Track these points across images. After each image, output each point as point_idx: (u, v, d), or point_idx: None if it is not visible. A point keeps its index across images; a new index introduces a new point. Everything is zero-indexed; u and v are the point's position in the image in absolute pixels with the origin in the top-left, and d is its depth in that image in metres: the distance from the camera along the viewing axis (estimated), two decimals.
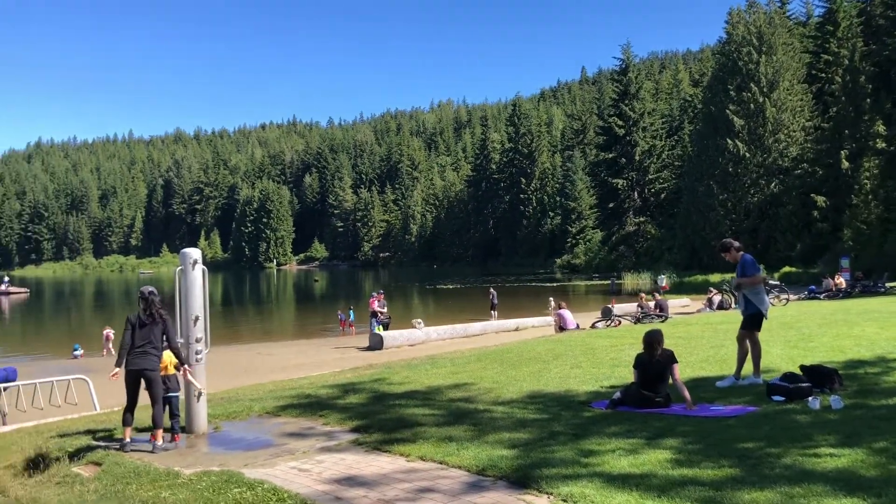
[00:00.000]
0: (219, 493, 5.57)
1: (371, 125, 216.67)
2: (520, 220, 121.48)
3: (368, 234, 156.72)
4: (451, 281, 74.12)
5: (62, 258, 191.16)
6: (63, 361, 22.46)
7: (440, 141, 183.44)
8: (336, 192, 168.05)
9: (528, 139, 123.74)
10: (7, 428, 9.80)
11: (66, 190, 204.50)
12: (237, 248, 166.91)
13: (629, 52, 76.73)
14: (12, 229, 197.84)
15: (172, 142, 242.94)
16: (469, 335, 24.69)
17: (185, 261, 8.14)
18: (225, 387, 12.51)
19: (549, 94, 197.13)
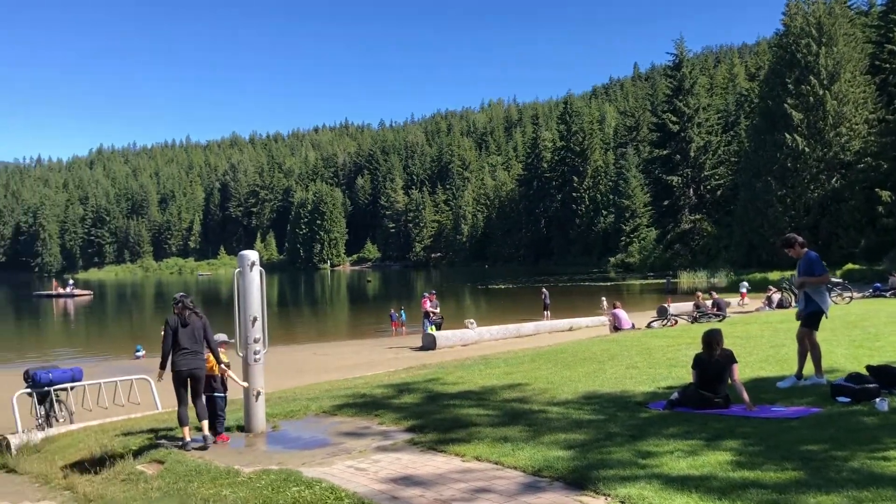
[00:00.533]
0: (278, 491, 5.67)
1: (422, 126, 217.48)
2: (572, 218, 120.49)
3: (420, 235, 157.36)
4: (503, 281, 73.93)
5: (123, 261, 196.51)
6: (126, 362, 23.09)
7: (491, 140, 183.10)
8: (388, 194, 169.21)
9: (579, 137, 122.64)
10: (74, 426, 10.12)
11: (126, 194, 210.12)
12: (292, 249, 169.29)
13: (683, 47, 75.43)
14: (76, 233, 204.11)
15: (228, 146, 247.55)
16: (522, 335, 24.59)
17: (243, 263, 8.29)
18: (282, 386, 12.71)
19: (601, 92, 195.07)
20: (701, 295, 26.07)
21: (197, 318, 8.08)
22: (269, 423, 8.42)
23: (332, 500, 5.35)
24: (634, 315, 25.03)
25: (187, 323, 7.97)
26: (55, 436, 9.42)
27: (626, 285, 61.31)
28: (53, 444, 8.94)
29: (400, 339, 26.97)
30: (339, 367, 18.69)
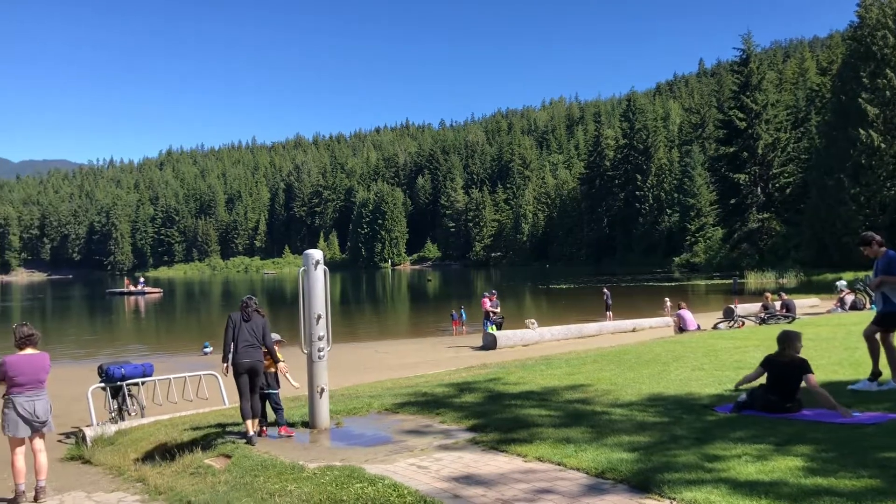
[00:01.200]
0: (342, 487, 5.74)
1: (482, 125, 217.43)
2: (635, 217, 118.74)
3: (480, 234, 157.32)
4: (564, 281, 73.32)
5: (192, 259, 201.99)
6: (194, 358, 23.69)
7: (552, 139, 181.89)
8: (448, 193, 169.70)
9: (643, 135, 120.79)
10: (145, 420, 10.43)
11: (195, 195, 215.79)
12: (354, 248, 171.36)
13: (750, 41, 73.54)
14: (146, 232, 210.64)
15: (293, 147, 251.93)
16: (584, 336, 24.35)
17: (308, 262, 8.41)
18: (345, 383, 12.87)
19: (665, 88, 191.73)
20: (769, 296, 25.34)
21: (259, 315, 8.42)
22: (332, 420, 8.53)
23: (396, 498, 5.39)
24: (700, 316, 24.52)
25: (249, 318, 8.31)
26: (127, 429, 9.71)
27: (691, 286, 60.08)
28: (126, 437, 9.21)
29: (460, 339, 27.00)
30: (400, 365, 18.81)
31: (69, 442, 10.04)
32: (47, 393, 7.40)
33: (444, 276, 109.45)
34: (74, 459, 8.96)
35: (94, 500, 6.88)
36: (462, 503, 5.24)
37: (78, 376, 16.57)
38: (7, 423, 7.10)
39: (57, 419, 7.69)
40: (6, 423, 7.11)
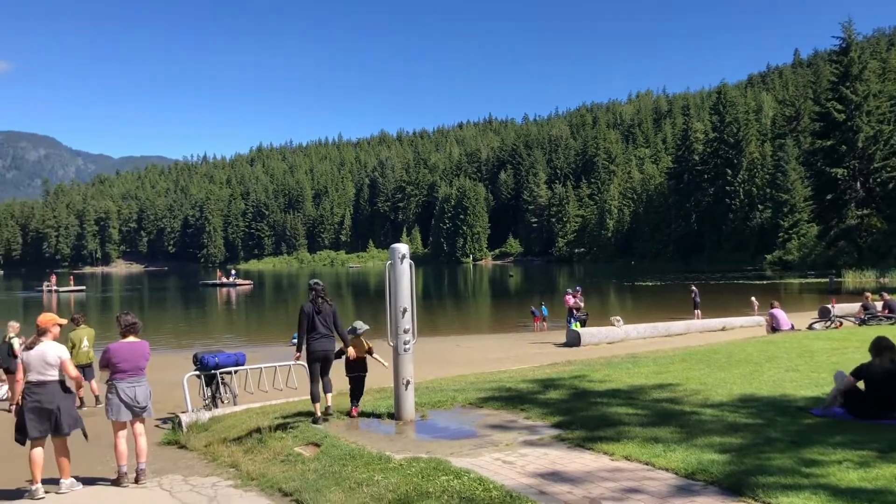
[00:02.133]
0: (428, 479, 5.79)
1: (566, 119, 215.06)
2: (725, 213, 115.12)
3: (563, 230, 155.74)
4: (650, 277, 71.83)
5: (280, 253, 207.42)
6: (283, 348, 24.33)
7: (638, 133, 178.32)
8: (531, 188, 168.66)
9: (734, 128, 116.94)
10: (238, 408, 10.76)
11: (283, 190, 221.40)
12: (436, 243, 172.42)
13: (851, 29, 70.11)
14: (238, 226, 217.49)
15: (377, 143, 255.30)
16: (671, 334, 23.81)
17: (394, 255, 8.50)
18: (428, 377, 12.97)
19: (757, 80, 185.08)
20: (870, 295, 24.15)
21: (328, 305, 8.82)
22: (417, 412, 8.62)
23: (481, 492, 5.40)
24: (793, 316, 23.58)
25: (320, 310, 8.71)
26: (221, 416, 10.04)
27: (784, 284, 57.87)
28: (219, 424, 9.51)
29: (542, 335, 26.81)
30: (483, 360, 18.83)
31: (166, 427, 10.46)
32: (147, 380, 7.74)
33: (525, 272, 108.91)
34: (171, 444, 9.32)
35: (190, 483, 7.14)
36: (549, 500, 5.21)
37: (174, 364, 17.24)
38: (110, 408, 7.46)
39: (154, 405, 8.01)
40: (109, 407, 7.47)
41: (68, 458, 7.29)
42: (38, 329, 7.31)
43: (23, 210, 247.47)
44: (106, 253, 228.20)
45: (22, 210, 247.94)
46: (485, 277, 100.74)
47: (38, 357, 7.11)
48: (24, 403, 7.10)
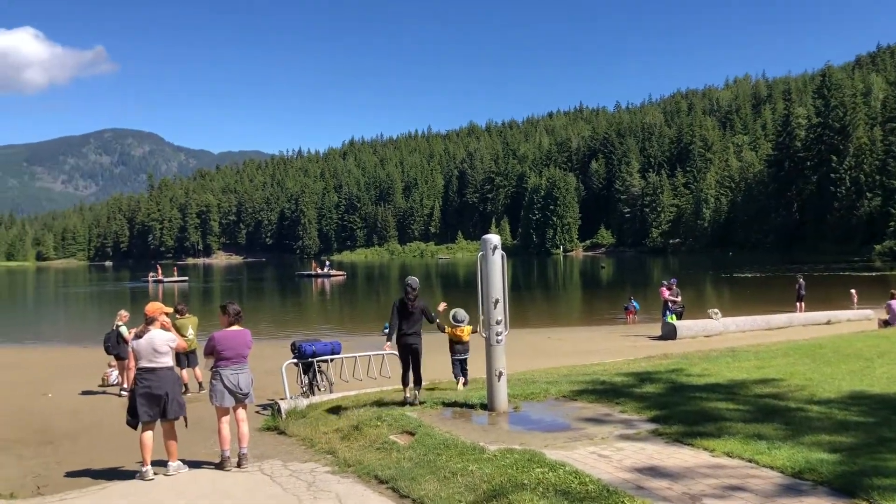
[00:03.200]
0: (522, 471, 5.76)
1: (660, 107, 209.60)
2: (830, 202, 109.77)
3: (657, 220, 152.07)
4: (749, 269, 69.34)
5: (372, 244, 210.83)
6: (376, 338, 24.72)
7: (736, 119, 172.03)
8: (623, 177, 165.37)
9: (839, 112, 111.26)
10: (334, 395, 10.99)
11: (375, 183, 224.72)
12: (525, 234, 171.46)
13: None
14: (331, 219, 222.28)
15: (466, 135, 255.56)
16: (771, 328, 22.92)
17: (486, 246, 8.48)
18: (520, 368, 12.91)
19: (866, 61, 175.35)
20: None
21: (419, 301, 9.62)
22: (510, 404, 8.59)
23: (577, 485, 5.34)
24: None
25: (412, 312, 9.53)
26: (318, 403, 10.27)
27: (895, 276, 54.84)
28: (316, 411, 9.73)
29: (635, 328, 26.30)
30: (575, 352, 18.62)
31: (265, 413, 10.79)
32: (249, 367, 8.00)
33: (618, 263, 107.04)
34: (270, 430, 9.61)
35: (289, 468, 7.34)
36: (647, 495, 5.09)
37: (272, 352, 17.78)
38: (214, 394, 7.75)
39: (254, 392, 8.26)
40: (213, 393, 7.76)
41: (175, 442, 7.62)
42: (146, 318, 7.65)
43: (129, 204, 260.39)
44: (207, 245, 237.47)
45: (129, 204, 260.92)
46: (575, 269, 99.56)
47: (148, 345, 7.46)
48: (136, 389, 7.47)
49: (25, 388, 15.40)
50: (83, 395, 14.55)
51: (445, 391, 9.96)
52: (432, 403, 8.94)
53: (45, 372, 18.13)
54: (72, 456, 9.11)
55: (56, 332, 34.00)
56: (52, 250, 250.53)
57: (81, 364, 19.24)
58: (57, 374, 17.56)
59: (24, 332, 34.00)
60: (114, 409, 12.67)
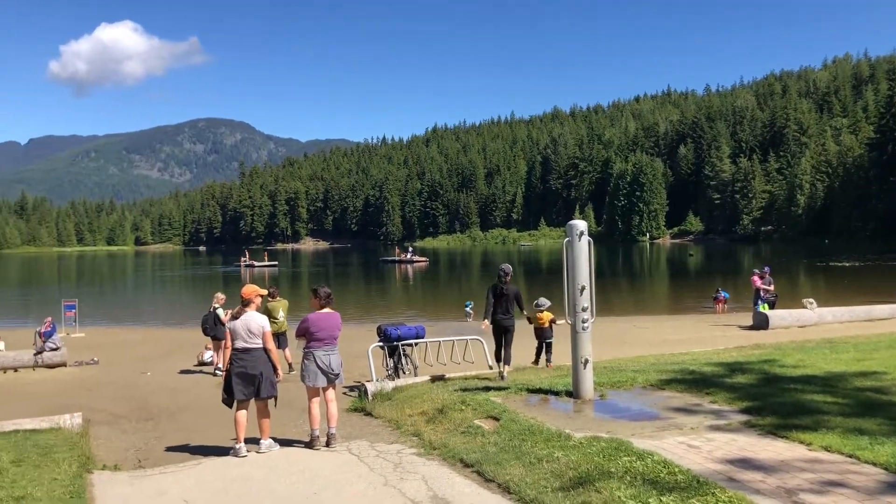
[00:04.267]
0: (609, 459, 5.70)
1: (752, 89, 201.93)
2: None
3: (748, 207, 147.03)
4: (847, 258, 66.32)
5: (454, 231, 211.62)
6: (459, 323, 24.87)
7: (835, 101, 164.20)
8: (712, 163, 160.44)
9: None
10: (418, 379, 11.13)
11: (457, 169, 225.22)
12: (610, 221, 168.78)
13: None
14: (414, 205, 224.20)
15: (550, 120, 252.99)
16: (872, 319, 21.86)
17: (572, 232, 8.39)
18: (605, 357, 12.76)
19: None
20: None
21: (512, 286, 10.91)
22: (596, 392, 8.51)
23: (666, 475, 5.25)
24: None
25: (505, 294, 10.85)
26: (403, 386, 10.43)
27: None
28: (402, 394, 9.88)
29: (724, 317, 25.57)
30: (661, 341, 18.26)
31: (352, 395, 11.03)
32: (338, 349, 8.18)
33: (706, 251, 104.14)
34: (357, 411, 9.81)
35: (376, 449, 7.48)
36: (739, 487, 4.97)
37: (357, 335, 18.11)
38: (307, 374, 7.96)
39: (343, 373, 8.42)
40: (306, 373, 7.97)
41: (268, 421, 7.88)
42: (242, 300, 7.92)
43: (222, 191, 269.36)
44: (295, 231, 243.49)
45: (221, 191, 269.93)
46: (662, 257, 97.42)
47: (244, 326, 7.72)
48: (231, 368, 7.75)
49: (128, 367, 16.21)
50: (181, 373, 15.21)
51: (530, 378, 9.93)
52: (517, 389, 8.94)
53: (146, 351, 19.02)
54: (170, 432, 9.54)
55: (155, 314, 35.60)
56: (150, 235, 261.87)
57: (179, 344, 20.11)
58: (156, 354, 18.40)
59: (126, 313, 35.75)
60: (209, 387, 13.18)
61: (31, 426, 8.50)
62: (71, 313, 24.07)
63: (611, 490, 5.04)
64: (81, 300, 26.88)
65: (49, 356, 15.98)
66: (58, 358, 16.08)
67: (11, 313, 36.09)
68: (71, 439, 7.96)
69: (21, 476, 6.24)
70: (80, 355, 17.33)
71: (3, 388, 14.08)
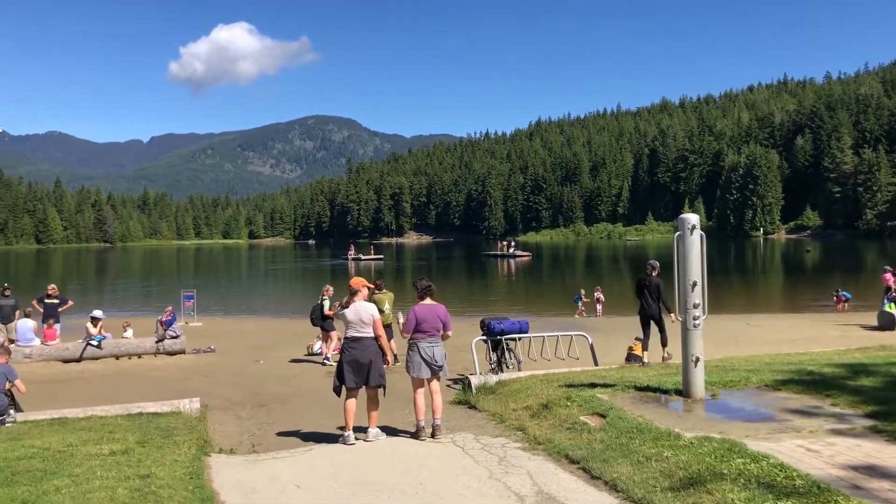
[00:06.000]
0: (721, 460, 5.51)
1: (878, 76, 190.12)
2: None
3: (872, 200, 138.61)
4: None
5: (557, 225, 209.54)
6: (563, 318, 24.63)
7: None
8: (833, 154, 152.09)
9: None
10: (522, 374, 11.08)
11: (561, 163, 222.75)
12: (721, 216, 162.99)
13: None
14: (517, 200, 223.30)
15: (658, 111, 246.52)
16: None
17: (683, 226, 8.15)
18: (716, 355, 12.35)
19: None
20: None
21: (656, 279, 12.36)
22: (707, 391, 8.24)
23: (783, 479, 5.03)
24: None
25: (649, 284, 12.34)
26: (506, 380, 10.39)
27: None
28: (505, 388, 9.85)
29: (844, 316, 24.25)
30: (776, 340, 17.51)
31: (456, 388, 11.09)
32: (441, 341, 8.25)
33: (825, 247, 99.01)
34: (461, 404, 9.86)
35: (480, 442, 7.50)
36: (865, 496, 4.70)
37: (462, 329, 18.14)
38: (412, 365, 8.08)
39: (446, 366, 8.48)
40: (411, 364, 8.09)
41: (377, 410, 8.05)
42: (350, 290, 8.12)
43: (330, 186, 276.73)
44: (399, 225, 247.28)
45: (329, 186, 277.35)
46: (776, 252, 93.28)
47: (355, 315, 7.93)
48: (343, 356, 7.96)
49: (242, 355, 16.92)
50: (291, 362, 15.74)
51: (637, 375, 9.71)
52: (623, 387, 8.77)
53: (259, 340, 19.80)
54: (282, 418, 9.89)
55: (266, 305, 36.99)
56: (262, 229, 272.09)
57: (290, 334, 20.81)
58: (268, 343, 19.13)
59: (240, 303, 37.30)
60: (318, 376, 13.59)
61: (153, 409, 8.99)
62: (189, 303, 25.34)
63: (723, 492, 4.87)
64: (198, 290, 28.22)
65: (169, 344, 16.88)
66: (178, 345, 16.97)
67: (135, 302, 38.33)
68: (190, 423, 8.37)
69: (146, 456, 6.61)
70: (197, 343, 18.23)
71: (128, 372, 14.99)
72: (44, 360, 15.86)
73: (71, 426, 8.01)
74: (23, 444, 6.98)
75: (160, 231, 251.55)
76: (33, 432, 7.75)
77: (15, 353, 14.41)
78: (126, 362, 16.25)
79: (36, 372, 14.47)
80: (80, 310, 23.29)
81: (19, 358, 15.00)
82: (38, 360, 15.83)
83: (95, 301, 32.86)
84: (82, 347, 16.27)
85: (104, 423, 8.09)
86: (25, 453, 6.60)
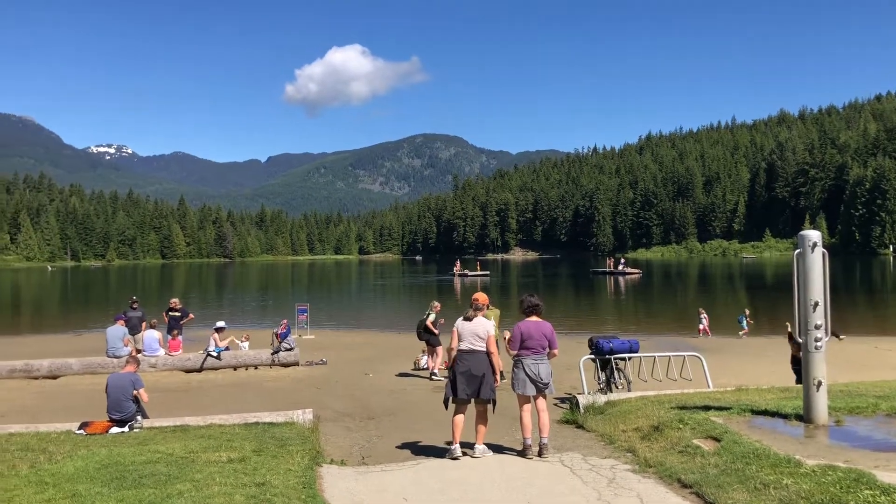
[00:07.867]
0: (847, 491, 5.22)
1: None
2: None
3: None
4: None
5: (669, 242, 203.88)
6: (673, 338, 23.92)
7: None
8: None
9: None
10: (632, 394, 10.82)
11: (672, 178, 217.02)
12: (846, 232, 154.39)
13: None
14: (626, 215, 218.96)
15: (776, 124, 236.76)
16: None
17: (804, 243, 7.79)
18: (840, 379, 11.69)
19: None
20: None
21: None
22: (831, 417, 7.81)
23: None
24: None
25: None
26: (616, 401, 10.17)
27: None
28: (615, 409, 9.65)
29: None
30: None
31: (563, 407, 10.96)
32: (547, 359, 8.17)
33: None
34: (569, 423, 9.74)
35: (589, 462, 7.38)
36: None
37: (570, 347, 17.97)
38: (517, 382, 8.05)
39: (553, 384, 8.39)
40: (516, 382, 8.06)
41: (485, 426, 8.05)
42: (473, 305, 8.23)
43: (437, 203, 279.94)
44: (505, 241, 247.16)
45: (436, 203, 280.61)
46: None
47: (471, 329, 8.02)
48: (456, 368, 8.02)
49: (352, 368, 17.32)
50: (398, 376, 15.99)
51: (754, 398, 9.30)
52: (739, 410, 8.43)
53: (368, 354, 20.21)
54: (390, 431, 10.05)
55: (375, 319, 37.73)
56: (372, 245, 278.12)
57: (397, 348, 21.16)
58: (377, 357, 19.50)
59: (350, 317, 38.21)
60: (425, 391, 13.74)
61: (269, 419, 9.32)
62: (303, 317, 26.17)
63: None
64: (311, 304, 29.12)
65: (284, 356, 17.48)
66: (292, 357, 17.55)
67: (252, 315, 39.94)
68: (303, 433, 8.63)
69: (261, 465, 6.86)
70: (310, 356, 18.79)
71: (245, 383, 15.62)
72: (167, 370, 16.76)
73: (192, 433, 8.43)
74: (149, 449, 7.41)
75: (276, 247, 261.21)
76: (158, 438, 8.20)
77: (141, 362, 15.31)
78: (243, 373, 16.95)
79: (160, 381, 15.32)
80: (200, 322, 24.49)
81: (145, 367, 15.90)
82: (163, 369, 16.75)
83: (216, 314, 34.46)
84: (203, 358, 17.09)
85: (223, 432, 8.47)
86: (151, 458, 6.99)
